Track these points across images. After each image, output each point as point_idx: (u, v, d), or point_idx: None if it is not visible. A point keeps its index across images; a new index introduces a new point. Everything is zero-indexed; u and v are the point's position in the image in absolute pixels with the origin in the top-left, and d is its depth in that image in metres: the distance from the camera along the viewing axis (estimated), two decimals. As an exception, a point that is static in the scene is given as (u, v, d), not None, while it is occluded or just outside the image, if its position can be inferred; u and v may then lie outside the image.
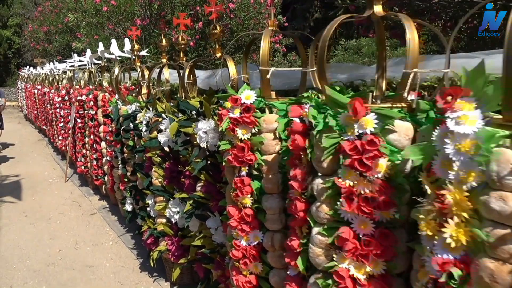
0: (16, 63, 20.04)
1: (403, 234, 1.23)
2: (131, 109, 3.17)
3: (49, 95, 7.34)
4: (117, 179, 3.87)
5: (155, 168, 2.55)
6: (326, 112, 1.27)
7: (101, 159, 4.34)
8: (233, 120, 1.65)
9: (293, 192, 1.39)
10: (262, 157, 1.64)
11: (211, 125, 2.03)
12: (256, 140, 1.63)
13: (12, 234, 3.70)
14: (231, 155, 1.68)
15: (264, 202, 1.65)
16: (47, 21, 12.67)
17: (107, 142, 3.98)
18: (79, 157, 5.18)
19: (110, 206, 4.39)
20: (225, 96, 1.75)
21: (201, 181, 2.14)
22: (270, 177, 1.64)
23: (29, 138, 9.82)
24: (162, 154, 2.49)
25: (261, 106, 1.67)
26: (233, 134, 1.66)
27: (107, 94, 4.00)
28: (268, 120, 1.63)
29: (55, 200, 4.74)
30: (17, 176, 5.88)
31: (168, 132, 2.41)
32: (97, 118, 4.22)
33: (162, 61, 3.00)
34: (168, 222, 2.58)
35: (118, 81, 3.36)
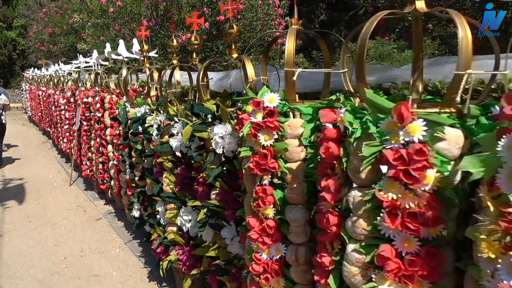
0: (20, 64, 20.04)
1: (450, 252, 1.11)
2: (140, 112, 3.07)
3: (54, 97, 7.26)
4: (124, 184, 3.76)
5: (166, 174, 2.44)
6: (364, 118, 1.15)
7: (107, 163, 4.24)
8: (255, 125, 1.54)
9: (325, 204, 1.27)
10: (286, 165, 1.52)
11: (228, 129, 1.92)
12: (280, 146, 1.51)
13: (16, 240, 3.60)
14: (252, 162, 1.56)
15: (288, 213, 1.53)
16: (52, 22, 12.64)
17: (114, 146, 3.87)
18: (84, 160, 5.08)
19: (116, 211, 4.28)
20: (246, 99, 1.64)
21: (216, 188, 2.02)
22: (295, 187, 1.52)
23: (33, 140, 9.75)
24: (174, 160, 2.38)
25: (285, 110, 1.56)
26: (254, 140, 1.55)
27: (114, 96, 3.90)
28: (293, 125, 1.52)
29: (60, 204, 4.64)
30: (21, 179, 5.79)
31: (180, 137, 2.30)
32: (103, 120, 4.12)
33: (172, 62, 2.89)
34: (179, 230, 2.47)
35: (126, 83, 3.26)
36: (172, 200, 2.42)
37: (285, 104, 1.56)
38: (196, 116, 2.19)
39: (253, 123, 1.54)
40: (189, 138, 2.11)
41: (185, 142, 2.13)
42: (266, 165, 1.53)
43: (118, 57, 4.56)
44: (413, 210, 1.04)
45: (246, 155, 1.59)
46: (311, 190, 1.54)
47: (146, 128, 2.86)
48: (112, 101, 3.92)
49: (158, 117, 2.48)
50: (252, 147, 1.59)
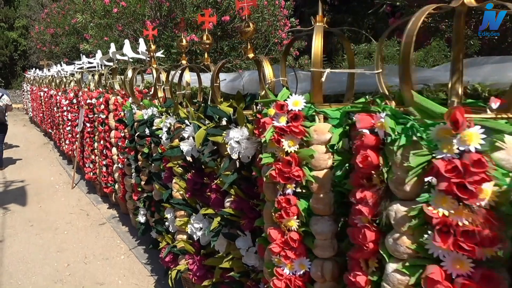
0: (22, 65, 19.96)
1: (506, 275, 1.00)
2: (147, 114, 2.96)
3: (56, 97, 7.15)
4: (129, 188, 3.65)
5: (175, 179, 2.33)
6: (409, 123, 1.04)
7: (111, 166, 4.12)
8: (278, 129, 1.43)
9: (361, 218, 1.15)
10: (312, 173, 1.41)
11: (245, 133, 1.80)
12: (305, 153, 1.40)
13: (17, 246, 3.48)
14: (275, 170, 1.45)
15: (314, 226, 1.42)
16: (53, 23, 12.55)
17: (119, 148, 3.76)
18: (87, 163, 4.97)
19: (120, 215, 4.17)
20: (268, 101, 1.53)
21: (231, 196, 1.91)
22: (321, 197, 1.40)
23: (35, 141, 9.64)
24: (185, 164, 2.27)
25: (310, 114, 1.45)
26: (277, 145, 1.44)
27: (119, 98, 3.79)
28: (319, 130, 1.40)
29: (62, 208, 4.52)
30: (22, 181, 5.68)
31: (191, 141, 2.19)
32: (108, 122, 4.01)
33: (181, 62, 2.78)
34: (190, 238, 2.35)
35: (132, 84, 3.15)
36: (182, 207, 2.31)
37: (310, 107, 1.44)
38: (209, 119, 2.08)
39: (276, 128, 1.43)
40: (202, 142, 1.99)
41: (198, 146, 2.02)
42: (290, 173, 1.42)
43: (123, 58, 4.45)
44: (467, 228, 0.93)
45: (267, 162, 1.48)
46: (338, 200, 1.43)
47: (154, 131, 2.75)
48: (117, 103, 3.81)
49: (167, 120, 2.37)
50: (274, 154, 1.48)
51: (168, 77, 2.98)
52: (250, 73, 2.52)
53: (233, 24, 7.54)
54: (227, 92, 2.85)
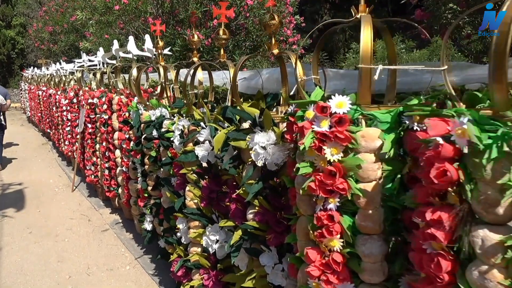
0: (19, 64, 19.69)
1: None
2: (154, 114, 2.76)
3: (55, 97, 6.94)
4: (133, 193, 3.45)
5: (189, 186, 2.13)
6: (499, 131, 0.85)
7: (114, 169, 3.92)
8: (319, 135, 1.23)
9: (432, 244, 0.96)
10: (358, 186, 1.22)
11: (272, 138, 1.61)
12: (352, 162, 1.21)
13: (15, 256, 3.28)
14: (314, 181, 1.25)
15: (361, 246, 1.22)
16: (52, 21, 12.32)
17: (123, 151, 3.56)
18: (88, 165, 4.76)
19: (124, 221, 3.97)
20: (304, 103, 1.33)
21: (255, 207, 1.72)
22: (370, 213, 1.21)
23: (33, 141, 9.42)
24: (200, 171, 2.07)
25: (356, 117, 1.25)
26: (318, 153, 1.24)
27: (123, 97, 3.59)
28: (368, 136, 1.21)
29: (62, 213, 4.32)
30: (20, 184, 5.47)
31: (207, 145, 1.99)
32: (111, 123, 3.81)
33: (193, 60, 2.59)
34: (204, 251, 2.16)
35: (139, 83, 2.95)
36: (196, 217, 2.11)
37: (356, 109, 1.25)
38: (229, 122, 1.89)
39: (317, 133, 1.24)
40: (222, 147, 1.80)
41: (216, 151, 1.82)
42: (333, 186, 1.22)
43: (127, 55, 4.25)
44: None
45: (305, 172, 1.28)
46: (389, 217, 1.24)
47: (163, 133, 2.55)
48: (121, 103, 3.61)
49: (180, 122, 2.17)
50: (313, 163, 1.28)
51: (177, 75, 2.79)
52: (269, 71, 2.33)
53: (237, 22, 7.36)
54: (241, 92, 2.65)
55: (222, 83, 3.07)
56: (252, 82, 2.55)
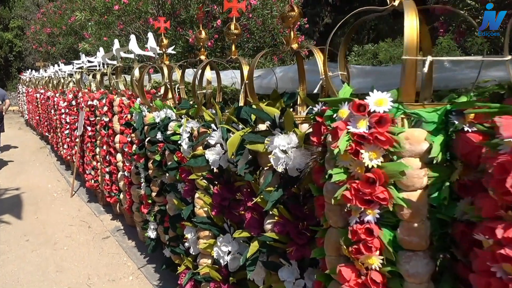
0: (17, 66, 19.52)
1: None
2: (159, 116, 2.61)
3: (53, 99, 6.78)
4: (136, 199, 3.29)
5: (199, 193, 1.97)
6: None
7: (115, 174, 3.76)
8: (357, 137, 1.08)
9: (505, 267, 0.81)
10: (401, 195, 1.06)
11: (293, 141, 1.46)
12: (395, 168, 1.06)
13: (11, 265, 3.11)
14: (350, 189, 1.10)
15: (404, 264, 1.07)
16: (50, 22, 12.18)
17: (125, 155, 3.40)
18: (88, 169, 4.60)
19: (125, 227, 3.81)
20: (337, 101, 1.18)
21: (274, 217, 1.56)
22: (415, 227, 1.06)
23: (31, 145, 9.25)
24: (210, 177, 1.92)
25: (398, 116, 1.10)
26: (354, 158, 1.09)
27: (125, 99, 3.43)
28: (414, 139, 1.06)
29: (61, 219, 4.15)
30: (17, 189, 5.29)
31: (219, 148, 1.84)
32: (112, 126, 3.65)
33: (200, 58, 2.44)
34: (215, 263, 2.00)
35: (142, 84, 2.80)
36: (207, 227, 1.95)
37: (398, 107, 1.10)
38: (243, 123, 1.73)
39: (354, 135, 1.09)
40: (236, 151, 1.64)
41: (230, 156, 1.67)
42: (372, 195, 1.07)
43: (128, 55, 4.10)
44: None
45: (339, 179, 1.13)
46: (437, 231, 1.09)
47: (169, 136, 2.40)
48: (122, 104, 3.46)
49: (189, 124, 2.02)
50: (348, 169, 1.13)
51: (183, 75, 2.64)
52: (283, 69, 2.18)
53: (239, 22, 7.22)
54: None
55: (231, 83, 2.92)
56: (264, 81, 2.39)
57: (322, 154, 1.29)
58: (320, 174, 1.30)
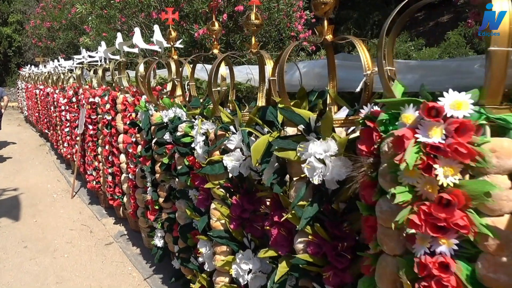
0: (16, 62, 19.26)
1: None
2: (167, 116, 2.39)
3: (53, 96, 6.55)
4: (141, 203, 3.08)
5: (215, 204, 1.76)
6: None
7: (118, 175, 3.55)
8: (429, 148, 0.87)
9: None
10: (485, 221, 0.85)
11: (332, 149, 1.24)
12: (478, 188, 0.85)
13: (8, 275, 2.91)
14: (418, 213, 0.89)
15: (489, 308, 0.86)
16: (50, 16, 11.92)
17: (129, 156, 3.19)
18: (90, 170, 4.39)
19: (129, 232, 3.60)
20: (399, 102, 0.97)
21: (307, 235, 1.35)
22: (504, 261, 0.85)
23: (30, 142, 9.03)
24: (229, 185, 1.70)
25: (480, 123, 0.88)
26: (425, 174, 0.88)
27: (129, 96, 3.21)
28: (502, 151, 0.84)
29: (61, 223, 3.95)
30: (16, 189, 5.09)
31: (238, 154, 1.63)
32: (115, 125, 3.44)
33: (212, 52, 2.22)
34: (233, 282, 1.79)
35: (148, 80, 2.57)
36: (224, 242, 1.74)
37: (480, 112, 0.88)
38: (269, 126, 1.52)
39: (426, 146, 0.87)
40: (262, 157, 1.43)
41: (255, 163, 1.45)
42: (449, 221, 0.86)
43: (132, 50, 3.88)
44: None
45: (404, 200, 0.92)
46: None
47: (179, 138, 2.18)
48: (126, 102, 3.24)
49: (204, 125, 1.80)
50: (414, 187, 0.91)
51: (194, 70, 2.42)
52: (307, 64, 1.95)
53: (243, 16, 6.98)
54: None
55: (246, 80, 2.69)
56: (285, 77, 2.16)
57: (374, 166, 1.08)
58: (370, 190, 1.08)
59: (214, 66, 1.77)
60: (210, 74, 1.75)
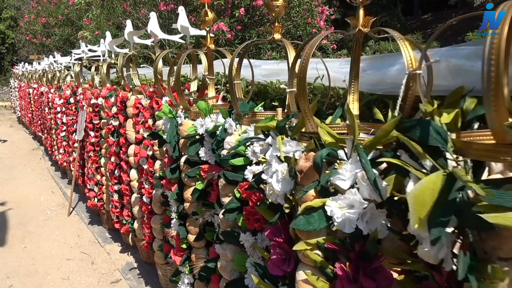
0: (10, 59, 18.48)
1: None
2: (203, 125, 1.74)
3: (48, 95, 5.87)
4: (158, 234, 2.43)
5: (307, 275, 1.10)
6: None
7: (128, 196, 2.88)
8: None
9: None
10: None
11: None
12: None
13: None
14: None
15: None
16: (45, 12, 11.22)
17: (143, 173, 2.53)
18: (90, 184, 3.71)
19: (140, 265, 2.93)
20: None
21: None
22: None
23: (22, 146, 8.32)
24: (334, 247, 1.04)
25: None
26: None
27: (143, 98, 2.55)
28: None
29: (56, 249, 3.27)
30: (3, 204, 4.39)
31: (354, 198, 0.97)
32: (124, 133, 2.77)
33: (273, 37, 1.57)
34: None
35: (178, 75, 1.91)
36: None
37: None
38: (433, 154, 0.86)
39: None
40: (433, 215, 0.77)
41: (417, 223, 0.80)
42: None
43: (145, 41, 3.22)
44: None
45: None
46: None
47: (226, 159, 1.54)
48: (139, 105, 2.58)
49: (287, 146, 1.13)
50: None
51: (240, 65, 1.77)
52: (435, 52, 1.30)
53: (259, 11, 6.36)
54: (363, 90, 1.61)
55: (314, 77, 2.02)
56: (376, 73, 1.50)
57: None
58: None
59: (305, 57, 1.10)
60: (303, 68, 1.08)
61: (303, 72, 1.05)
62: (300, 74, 1.06)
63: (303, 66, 1.05)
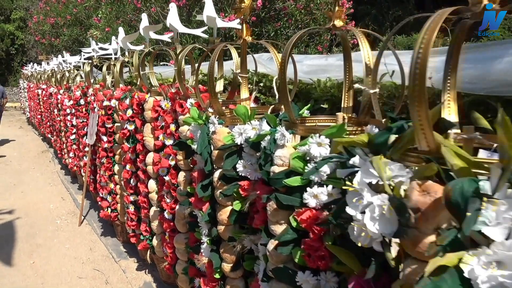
0: (19, 60, 18.38)
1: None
2: (242, 133, 1.43)
3: (57, 97, 5.61)
4: (183, 255, 2.12)
5: None
6: None
7: (145, 208, 2.59)
8: None
9: None
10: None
11: None
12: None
13: None
14: None
15: None
16: (54, 12, 11.02)
17: (164, 185, 2.22)
18: (103, 193, 3.43)
19: (159, 285, 2.63)
20: None
21: None
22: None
23: (31, 148, 8.10)
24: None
25: None
26: None
27: (163, 100, 2.24)
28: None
29: (66, 266, 2.99)
30: (10, 212, 4.13)
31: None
32: (141, 139, 2.47)
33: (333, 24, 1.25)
34: None
35: (212, 75, 1.59)
36: None
37: None
38: None
39: None
40: None
41: None
42: None
43: (162, 37, 2.92)
44: None
45: None
46: None
47: (278, 178, 1.22)
48: (159, 108, 2.27)
49: (390, 170, 0.81)
50: None
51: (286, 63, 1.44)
52: None
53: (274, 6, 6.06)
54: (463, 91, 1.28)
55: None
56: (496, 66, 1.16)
57: None
58: None
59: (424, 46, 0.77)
60: (422, 59, 0.75)
61: (422, 66, 0.72)
62: (416, 70, 0.73)
63: (422, 58, 0.72)
